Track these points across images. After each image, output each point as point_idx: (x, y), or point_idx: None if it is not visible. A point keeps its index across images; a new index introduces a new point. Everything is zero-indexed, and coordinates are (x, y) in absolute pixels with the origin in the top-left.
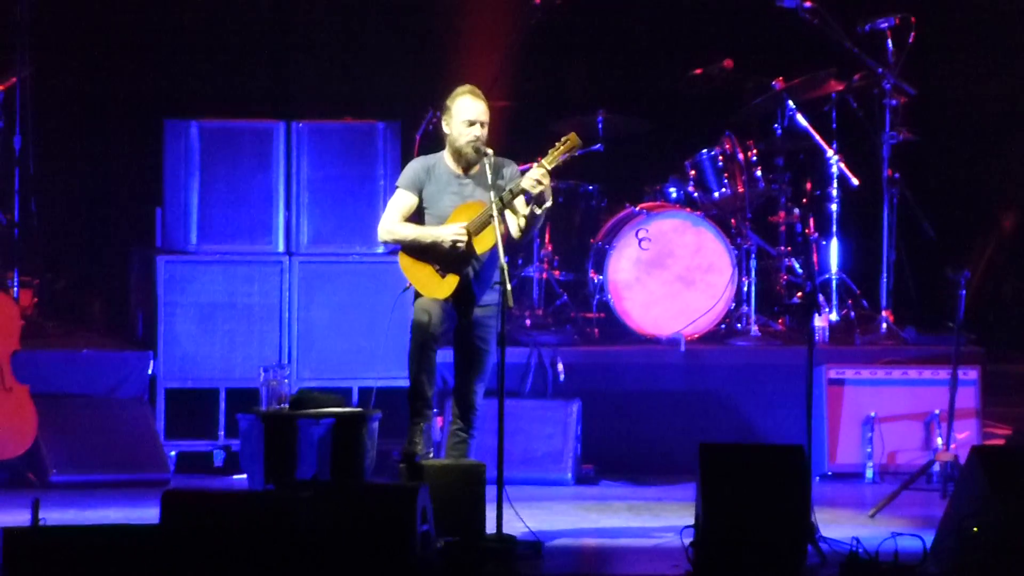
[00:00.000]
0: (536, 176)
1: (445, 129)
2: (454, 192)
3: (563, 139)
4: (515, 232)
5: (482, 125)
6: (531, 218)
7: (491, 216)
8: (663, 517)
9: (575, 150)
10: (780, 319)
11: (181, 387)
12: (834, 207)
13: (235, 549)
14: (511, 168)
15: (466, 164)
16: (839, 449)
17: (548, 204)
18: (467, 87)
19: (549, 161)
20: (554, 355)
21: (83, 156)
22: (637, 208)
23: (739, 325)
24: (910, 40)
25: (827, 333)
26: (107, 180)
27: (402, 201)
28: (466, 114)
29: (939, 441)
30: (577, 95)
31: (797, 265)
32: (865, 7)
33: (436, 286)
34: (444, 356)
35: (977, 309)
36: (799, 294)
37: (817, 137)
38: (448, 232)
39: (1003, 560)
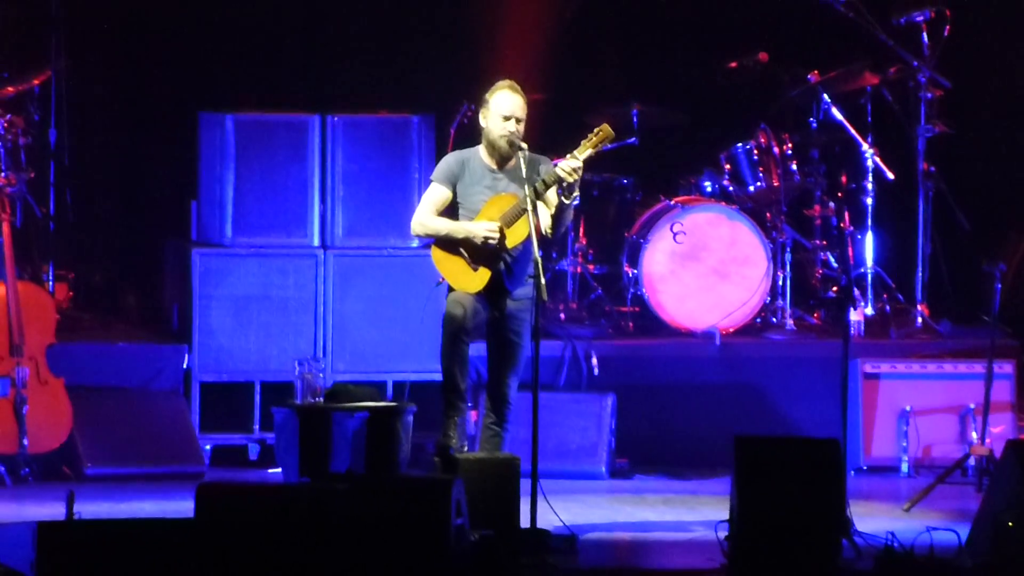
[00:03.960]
0: (570, 165)
1: (482, 122)
2: (488, 186)
3: (596, 130)
4: (544, 227)
5: (518, 120)
6: (560, 210)
7: (524, 209)
8: (698, 510)
9: (608, 141)
10: (815, 313)
11: (216, 380)
12: (869, 200)
13: (270, 542)
14: (546, 165)
15: (500, 158)
16: (874, 443)
17: (576, 194)
18: (507, 82)
19: (581, 151)
20: (588, 348)
21: (118, 149)
22: (672, 201)
23: (774, 319)
24: (945, 33)
25: (862, 327)
26: (142, 173)
27: (436, 195)
28: (502, 108)
29: (974, 435)
30: (612, 88)
31: (832, 259)
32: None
33: (469, 280)
34: (477, 349)
35: (1013, 302)
36: (834, 288)
37: (852, 130)
38: (481, 228)
39: None
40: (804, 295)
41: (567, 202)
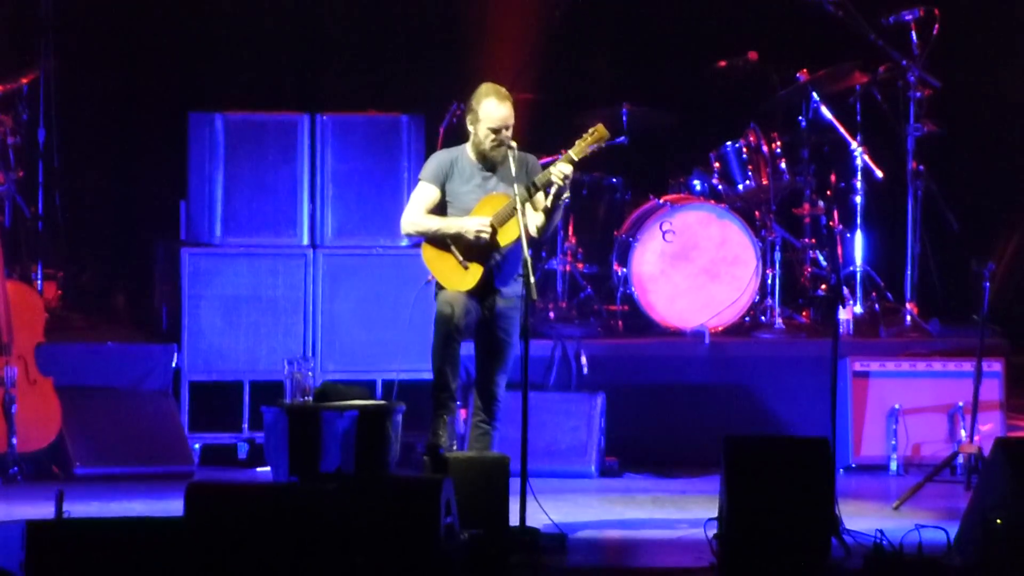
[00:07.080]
0: (564, 170)
1: (469, 128)
2: (477, 185)
3: (591, 130)
4: (533, 229)
5: (507, 129)
6: (551, 211)
7: (515, 209)
8: (687, 509)
9: (603, 141)
10: (804, 311)
11: (205, 380)
12: (859, 199)
13: (259, 542)
14: (533, 162)
15: (490, 164)
16: (863, 441)
17: (567, 196)
18: (492, 88)
19: (576, 152)
20: (578, 348)
21: (107, 149)
22: (661, 201)
23: (763, 318)
24: (934, 32)
25: (851, 325)
26: (131, 173)
27: (425, 194)
28: (492, 120)
29: (963, 433)
30: (601, 87)
31: (822, 257)
32: None
33: (459, 278)
34: (467, 348)
35: (1001, 301)
36: (823, 286)
37: (842, 129)
38: (473, 224)
39: None
40: (793, 294)
41: (558, 203)
